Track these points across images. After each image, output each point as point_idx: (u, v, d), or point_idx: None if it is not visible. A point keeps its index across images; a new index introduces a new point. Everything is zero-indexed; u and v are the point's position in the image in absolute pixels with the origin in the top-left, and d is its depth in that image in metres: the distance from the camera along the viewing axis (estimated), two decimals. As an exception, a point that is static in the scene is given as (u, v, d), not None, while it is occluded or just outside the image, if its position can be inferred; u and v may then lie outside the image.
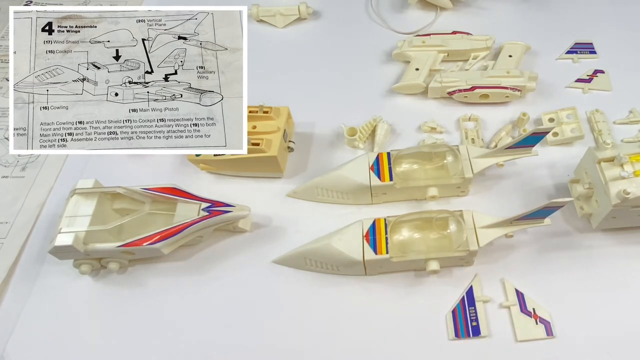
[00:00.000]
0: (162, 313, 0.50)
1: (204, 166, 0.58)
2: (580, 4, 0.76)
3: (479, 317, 0.47)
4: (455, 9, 0.77)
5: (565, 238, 0.52)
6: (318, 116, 0.64)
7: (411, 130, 0.62)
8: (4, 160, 0.63)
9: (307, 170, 0.60)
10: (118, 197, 0.52)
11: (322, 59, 0.72)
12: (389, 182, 0.52)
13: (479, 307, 0.48)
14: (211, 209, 0.50)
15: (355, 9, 0.79)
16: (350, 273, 0.50)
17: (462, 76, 0.63)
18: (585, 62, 0.68)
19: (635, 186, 0.45)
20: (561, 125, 0.60)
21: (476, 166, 0.52)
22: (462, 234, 0.48)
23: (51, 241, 0.48)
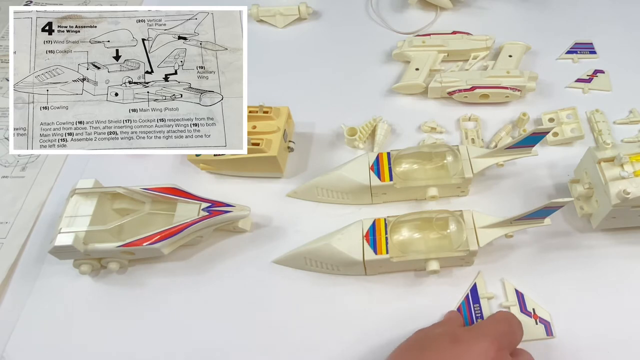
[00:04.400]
0: (162, 313, 0.50)
1: (204, 166, 0.58)
2: (580, 4, 0.76)
3: (484, 314, 0.47)
4: (455, 9, 0.77)
5: (565, 238, 0.52)
6: (318, 116, 0.64)
7: (411, 130, 0.62)
8: (4, 160, 0.63)
9: (307, 170, 0.60)
10: (118, 197, 0.52)
11: (322, 59, 0.72)
12: (389, 182, 0.52)
13: (483, 304, 0.48)
14: (211, 209, 0.50)
15: (355, 9, 0.79)
16: (350, 273, 0.50)
17: (462, 76, 0.63)
18: (585, 62, 0.68)
19: (635, 186, 0.45)
20: (561, 125, 0.60)
21: (476, 166, 0.52)
22: (462, 234, 0.48)
23: (51, 241, 0.48)
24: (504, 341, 0.40)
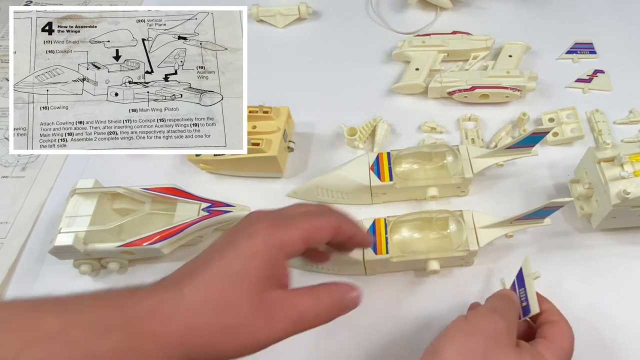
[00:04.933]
0: (162, 313, 0.50)
1: (204, 166, 0.58)
2: (580, 4, 0.76)
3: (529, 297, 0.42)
4: (455, 9, 0.77)
5: (565, 238, 0.52)
6: (318, 116, 0.64)
7: (411, 130, 0.62)
8: (4, 160, 0.63)
9: (307, 170, 0.60)
10: (118, 197, 0.52)
11: (322, 59, 0.72)
12: (389, 182, 0.52)
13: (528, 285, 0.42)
14: (211, 209, 0.50)
15: (355, 9, 0.79)
16: (350, 273, 0.50)
17: (462, 76, 0.63)
18: (585, 62, 0.68)
19: (635, 186, 0.45)
20: (561, 125, 0.60)
21: (476, 166, 0.52)
22: (462, 234, 0.48)
23: (51, 241, 0.48)
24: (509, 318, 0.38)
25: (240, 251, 0.32)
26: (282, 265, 0.33)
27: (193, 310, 0.30)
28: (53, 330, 0.27)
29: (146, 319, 0.29)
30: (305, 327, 0.33)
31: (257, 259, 0.31)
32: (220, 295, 0.30)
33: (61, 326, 0.27)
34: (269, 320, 0.31)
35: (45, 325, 0.27)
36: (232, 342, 0.30)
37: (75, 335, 0.27)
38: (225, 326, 0.30)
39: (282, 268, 0.33)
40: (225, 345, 0.30)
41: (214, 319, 0.30)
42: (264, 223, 0.33)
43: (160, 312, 0.29)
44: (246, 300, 0.30)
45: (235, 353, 0.31)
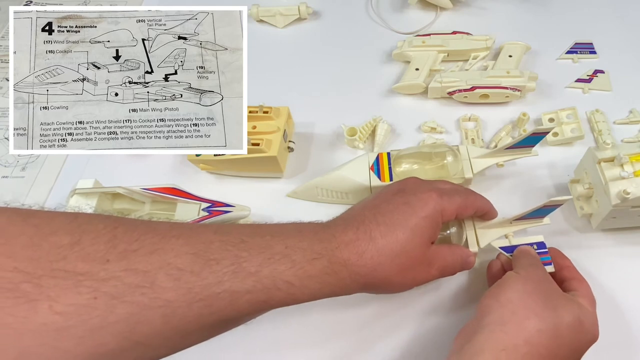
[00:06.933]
0: (162, 313, 0.50)
1: (204, 166, 0.58)
2: (580, 4, 0.76)
3: None
4: (455, 9, 0.77)
5: (565, 238, 0.52)
6: (318, 116, 0.64)
7: (411, 130, 0.62)
8: (4, 160, 0.63)
9: (307, 170, 0.60)
10: (118, 197, 0.52)
11: (322, 59, 0.72)
12: (389, 182, 0.52)
13: None
14: (211, 209, 0.50)
15: (355, 9, 0.79)
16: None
17: (462, 76, 0.63)
18: (585, 62, 0.68)
19: (635, 186, 0.45)
20: (561, 125, 0.60)
21: (476, 166, 0.52)
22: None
23: (51, 241, 0.48)
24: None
25: (417, 212, 0.40)
26: (439, 227, 0.42)
27: (380, 250, 0.38)
28: (280, 251, 0.35)
29: (344, 251, 0.37)
30: (445, 274, 0.43)
31: (428, 220, 0.40)
32: (401, 243, 0.38)
33: (285, 250, 0.35)
34: (428, 268, 0.41)
35: (274, 247, 0.35)
36: (403, 279, 0.40)
37: (296, 258, 0.35)
38: (403, 267, 0.39)
39: (438, 229, 0.42)
40: (398, 280, 0.39)
41: (395, 260, 0.38)
42: (435, 192, 0.41)
43: (356, 247, 0.37)
44: (418, 251, 0.40)
45: (401, 288, 0.42)
